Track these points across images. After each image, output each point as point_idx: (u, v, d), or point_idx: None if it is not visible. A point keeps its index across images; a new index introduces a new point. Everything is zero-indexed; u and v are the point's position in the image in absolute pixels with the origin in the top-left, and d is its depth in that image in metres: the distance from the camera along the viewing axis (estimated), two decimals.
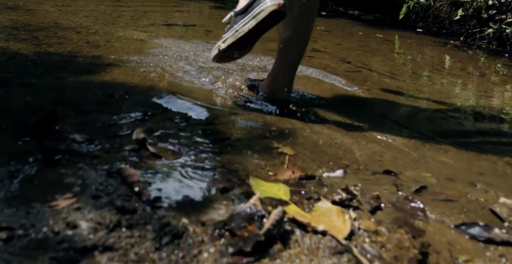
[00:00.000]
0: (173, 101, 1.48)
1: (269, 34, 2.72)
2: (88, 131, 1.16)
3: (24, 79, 1.53)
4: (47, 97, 1.38)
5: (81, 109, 1.32)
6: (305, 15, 1.60)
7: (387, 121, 1.61)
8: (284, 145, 1.25)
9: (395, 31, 4.18)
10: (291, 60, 1.63)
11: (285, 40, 1.60)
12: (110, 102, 1.41)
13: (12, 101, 1.32)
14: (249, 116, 1.44)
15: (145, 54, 2.07)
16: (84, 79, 1.60)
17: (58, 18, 2.67)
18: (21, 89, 1.43)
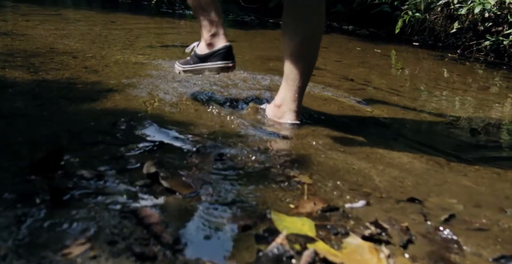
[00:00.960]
0: (180, 129, 1.42)
1: (269, 53, 2.68)
2: (95, 166, 1.10)
3: (24, 109, 1.47)
4: (49, 129, 1.32)
5: (85, 141, 1.26)
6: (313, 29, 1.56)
7: (400, 140, 1.56)
8: (301, 173, 1.20)
9: (392, 46, 4.17)
10: (299, 79, 1.58)
11: (293, 55, 1.55)
12: (114, 131, 1.35)
13: (13, 135, 1.26)
14: (260, 142, 1.39)
15: (145, 78, 2.02)
16: (86, 107, 1.54)
17: (53, 42, 2.62)
18: (21, 121, 1.37)
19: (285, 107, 1.60)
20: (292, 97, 1.59)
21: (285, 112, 1.59)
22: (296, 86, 1.58)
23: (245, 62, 2.64)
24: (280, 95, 1.62)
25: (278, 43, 3.61)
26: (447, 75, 3.04)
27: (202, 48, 1.72)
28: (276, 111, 1.62)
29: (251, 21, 4.99)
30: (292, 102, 1.59)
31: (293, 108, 1.59)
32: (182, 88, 1.91)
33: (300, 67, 1.57)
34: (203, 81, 2.06)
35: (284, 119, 1.59)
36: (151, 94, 1.77)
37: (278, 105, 1.61)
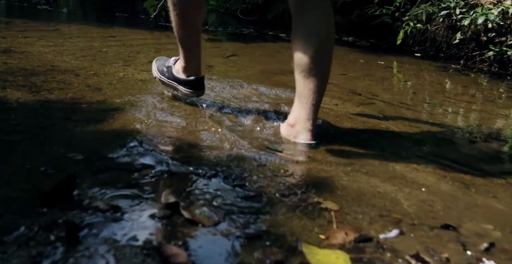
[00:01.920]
0: (193, 153, 1.36)
1: (272, 67, 2.63)
2: (109, 195, 1.03)
3: (29, 133, 1.41)
4: (56, 154, 1.25)
5: (96, 167, 1.19)
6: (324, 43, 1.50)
7: (420, 157, 1.50)
8: (325, 198, 1.13)
9: (393, 57, 4.13)
10: (313, 96, 1.52)
11: (304, 71, 1.50)
12: (125, 156, 1.29)
13: (18, 161, 1.19)
14: (277, 165, 1.33)
15: (151, 96, 1.96)
16: (92, 129, 1.48)
17: (53, 59, 2.56)
18: (26, 146, 1.31)
19: (299, 126, 1.54)
20: (306, 116, 1.53)
21: (300, 131, 1.53)
22: (310, 104, 1.52)
23: (249, 76, 2.59)
24: (294, 114, 1.56)
25: (279, 56, 3.57)
26: (453, 87, 3.00)
27: (178, 69, 1.90)
28: (290, 131, 1.56)
29: (250, 34, 4.95)
30: (306, 121, 1.53)
31: (307, 127, 1.53)
32: (191, 107, 1.85)
33: (313, 84, 1.52)
34: (211, 98, 2.00)
35: (299, 139, 1.53)
36: (159, 114, 1.71)
37: (292, 124, 1.56)
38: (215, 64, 2.90)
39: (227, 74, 2.60)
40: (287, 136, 1.55)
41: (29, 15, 5.17)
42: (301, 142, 1.52)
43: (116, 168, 1.20)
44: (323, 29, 1.50)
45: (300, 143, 1.51)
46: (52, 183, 1.04)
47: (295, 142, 1.52)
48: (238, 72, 2.71)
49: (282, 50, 3.92)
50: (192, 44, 1.79)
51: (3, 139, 1.35)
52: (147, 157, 1.29)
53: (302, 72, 1.52)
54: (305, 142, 1.51)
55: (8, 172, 1.13)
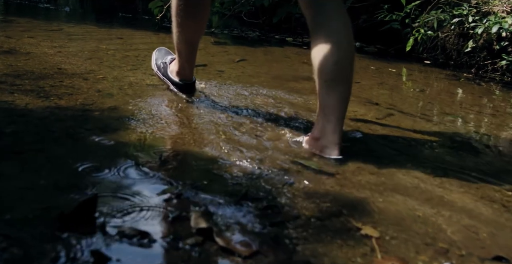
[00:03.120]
0: (216, 169, 1.28)
1: (283, 73, 2.55)
2: (133, 218, 0.95)
3: (40, 143, 1.32)
4: (71, 168, 1.17)
5: (114, 184, 1.11)
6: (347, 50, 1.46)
7: (454, 176, 1.42)
8: (364, 223, 1.06)
9: (402, 64, 4.06)
10: (338, 108, 1.46)
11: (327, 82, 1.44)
12: (144, 171, 1.20)
13: (33, 176, 1.11)
14: (306, 184, 1.25)
15: (165, 103, 1.88)
16: (108, 141, 1.39)
17: (60, 62, 2.47)
18: (39, 158, 1.22)
19: (325, 140, 1.46)
20: (332, 129, 1.45)
21: (326, 146, 1.46)
22: (335, 116, 1.45)
23: (262, 83, 2.51)
24: (318, 127, 1.49)
25: (289, 62, 3.49)
26: (469, 97, 2.92)
27: (173, 70, 2.04)
28: (315, 145, 1.48)
29: (256, 37, 4.87)
30: (332, 134, 1.45)
31: (334, 140, 1.45)
32: (209, 116, 1.77)
33: (337, 95, 1.45)
34: (227, 106, 1.92)
35: (325, 154, 1.45)
36: (177, 124, 1.63)
37: (317, 137, 1.48)
38: (225, 69, 2.82)
39: (239, 80, 2.52)
40: (312, 150, 1.47)
41: (31, 14, 5.08)
42: (328, 157, 1.43)
43: (135, 185, 1.11)
44: (344, 38, 1.46)
45: (327, 158, 1.43)
46: (67, 200, 0.97)
47: (321, 156, 1.44)
48: (250, 78, 2.63)
49: (291, 55, 3.85)
50: (189, 56, 1.92)
51: (13, 150, 1.27)
52: (167, 173, 1.21)
53: (325, 83, 1.46)
54: (332, 157, 1.43)
55: (21, 188, 1.05)
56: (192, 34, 1.84)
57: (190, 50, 1.90)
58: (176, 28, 1.82)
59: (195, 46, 1.91)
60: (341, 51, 1.44)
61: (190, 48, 1.89)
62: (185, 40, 1.84)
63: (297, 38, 4.95)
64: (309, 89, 2.49)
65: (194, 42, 1.89)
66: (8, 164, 1.16)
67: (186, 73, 1.98)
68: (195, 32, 1.84)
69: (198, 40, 1.90)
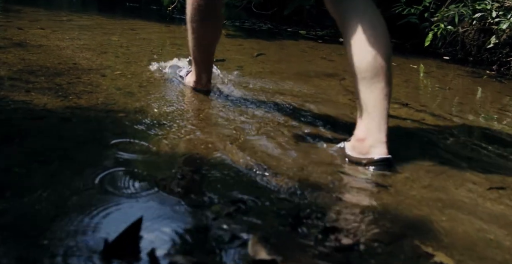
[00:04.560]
0: (257, 181, 1.18)
1: (305, 69, 2.43)
2: (182, 244, 0.84)
3: (66, 149, 1.21)
4: (105, 182, 1.05)
5: (156, 202, 1.00)
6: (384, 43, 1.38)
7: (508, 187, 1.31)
8: (434, 248, 0.95)
9: (421, 59, 3.94)
10: (381, 104, 1.36)
11: (366, 78, 1.36)
12: (185, 186, 1.10)
13: (59, 189, 0.99)
14: (360, 201, 1.15)
15: (191, 104, 1.77)
16: (138, 149, 1.28)
17: (74, 56, 2.35)
18: (68, 168, 1.11)
19: (371, 139, 1.35)
20: (377, 127, 1.36)
21: (372, 145, 1.35)
22: (379, 113, 1.36)
23: (284, 80, 2.40)
24: (361, 127, 1.39)
25: (307, 57, 3.38)
26: (497, 96, 2.81)
27: (190, 81, 2.00)
28: (360, 147, 1.37)
29: (269, 30, 4.75)
30: (378, 132, 1.35)
31: (380, 139, 1.35)
32: (241, 118, 1.66)
33: (379, 91, 1.37)
34: (258, 110, 1.81)
35: (372, 154, 1.34)
36: (206, 128, 1.51)
37: (362, 138, 1.37)
38: (244, 65, 2.71)
39: (261, 77, 2.41)
40: (358, 154, 1.37)
41: (36, 3, 4.93)
42: (376, 158, 1.32)
43: (178, 204, 1.00)
44: (379, 33, 1.38)
45: (374, 167, 1.32)
46: (107, 224, 0.86)
47: (367, 158, 1.33)
48: (271, 75, 2.51)
49: (307, 49, 3.73)
50: (206, 64, 1.89)
51: (38, 158, 1.15)
52: (210, 187, 1.10)
53: (364, 80, 1.37)
54: (381, 157, 1.32)
55: (51, 206, 0.94)
56: (208, 40, 1.81)
57: (207, 57, 1.86)
58: (192, 34, 1.78)
59: (211, 52, 1.87)
60: (377, 46, 1.36)
61: (207, 55, 1.86)
62: (202, 46, 1.81)
63: (310, 31, 4.82)
64: (335, 88, 2.38)
65: (211, 49, 1.85)
66: (34, 176, 1.05)
67: (203, 82, 1.95)
68: (212, 37, 1.81)
69: (215, 46, 1.87)
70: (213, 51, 1.88)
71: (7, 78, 1.80)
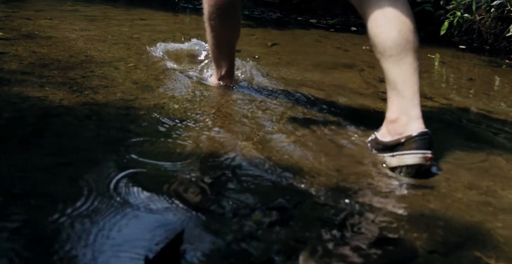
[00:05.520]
0: (294, 183, 1.10)
1: (323, 59, 2.34)
2: (227, 259, 0.76)
3: (88, 150, 1.14)
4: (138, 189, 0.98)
5: (192, 211, 0.92)
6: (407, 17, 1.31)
7: None
8: (496, 260, 0.87)
9: (436, 48, 3.83)
10: (411, 80, 1.29)
11: (392, 56, 1.29)
12: (220, 192, 1.02)
13: (88, 199, 0.92)
14: (408, 206, 1.07)
15: (213, 98, 1.69)
16: (164, 151, 1.20)
17: (85, 48, 2.27)
18: (87, 173, 1.04)
19: (404, 117, 1.27)
20: (409, 103, 1.28)
21: (407, 123, 1.26)
22: (410, 89, 1.29)
23: (303, 72, 2.31)
24: (393, 108, 1.31)
25: (322, 47, 3.29)
26: None
27: (213, 81, 1.88)
28: (394, 128, 1.29)
29: (278, 19, 4.65)
30: (411, 108, 1.27)
31: (415, 115, 1.27)
32: (264, 113, 1.58)
33: (406, 66, 1.29)
34: (282, 103, 1.72)
35: (409, 131, 1.24)
36: (233, 125, 1.43)
37: (394, 119, 1.29)
38: (260, 56, 2.62)
39: (278, 68, 2.32)
40: (394, 136, 1.27)
41: None
42: (414, 134, 1.22)
43: (215, 212, 0.93)
44: (401, 8, 1.31)
45: (413, 140, 1.21)
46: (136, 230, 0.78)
47: (404, 136, 1.23)
48: (289, 66, 2.43)
49: (321, 39, 3.63)
50: (227, 63, 1.80)
51: (59, 161, 1.08)
52: (247, 192, 1.03)
53: (391, 57, 1.30)
54: (420, 131, 1.23)
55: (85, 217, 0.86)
56: (228, 38, 1.74)
57: (228, 55, 1.79)
58: (211, 33, 1.71)
59: (232, 50, 1.80)
60: (402, 20, 1.30)
61: (227, 53, 1.78)
62: (222, 45, 1.75)
63: (320, 20, 4.72)
64: (355, 79, 2.30)
65: (231, 46, 1.78)
66: (55, 181, 0.97)
67: (225, 79, 1.86)
68: (232, 35, 1.74)
69: (235, 44, 1.79)
70: (234, 48, 1.81)
71: (19, 72, 1.72)
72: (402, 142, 1.24)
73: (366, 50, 3.28)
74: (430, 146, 1.21)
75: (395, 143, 1.26)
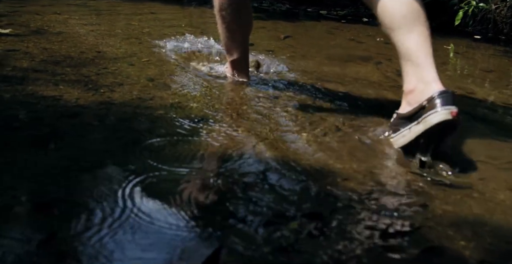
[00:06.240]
0: (326, 186, 1.04)
1: (337, 51, 2.27)
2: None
3: (106, 155, 1.08)
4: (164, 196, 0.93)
5: (219, 218, 0.87)
6: None
7: None
8: None
9: (450, 39, 3.75)
10: (423, 47, 1.28)
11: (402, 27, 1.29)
12: (249, 198, 0.96)
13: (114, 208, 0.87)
14: (448, 210, 1.01)
15: (233, 97, 1.63)
16: (188, 154, 1.15)
17: (96, 43, 2.21)
18: (111, 178, 0.98)
19: (422, 84, 1.23)
20: (424, 70, 1.25)
21: (425, 88, 1.21)
22: (423, 57, 1.27)
23: (320, 65, 2.25)
24: (408, 78, 1.29)
25: (335, 39, 3.22)
26: None
27: (228, 76, 1.83)
28: (413, 98, 1.25)
29: (288, 11, 4.57)
30: (427, 73, 1.24)
31: (432, 78, 1.23)
32: (290, 111, 1.51)
33: (417, 34, 1.29)
34: (313, 104, 1.67)
35: (429, 94, 1.18)
36: (257, 124, 1.38)
37: (412, 89, 1.26)
38: (274, 49, 2.56)
39: (294, 61, 2.26)
40: (414, 104, 1.23)
41: None
42: (436, 94, 1.17)
43: (247, 220, 0.87)
44: None
45: (435, 101, 1.16)
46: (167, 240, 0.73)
47: (428, 105, 1.17)
48: (304, 59, 2.37)
49: (333, 30, 3.56)
50: (241, 57, 1.75)
51: (80, 165, 1.02)
52: (277, 198, 0.97)
53: (400, 29, 1.30)
54: (440, 89, 1.18)
55: None
56: (241, 28, 1.68)
57: (242, 49, 1.73)
58: (223, 24, 1.66)
59: (246, 43, 1.74)
60: None
61: (241, 46, 1.72)
62: (235, 36, 1.69)
63: (330, 11, 4.64)
64: (374, 73, 2.24)
65: (245, 38, 1.73)
66: (81, 190, 0.92)
67: (241, 74, 1.81)
68: (244, 25, 1.69)
69: (248, 36, 1.74)
70: (248, 41, 1.76)
71: (32, 69, 1.67)
72: (424, 105, 1.19)
73: (380, 41, 3.21)
74: (454, 102, 1.16)
75: (417, 110, 1.22)
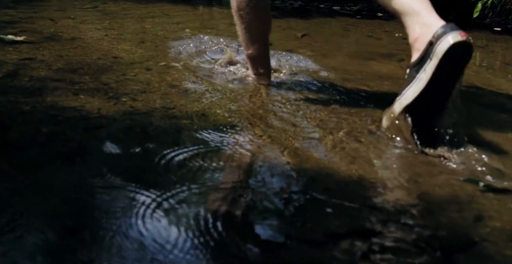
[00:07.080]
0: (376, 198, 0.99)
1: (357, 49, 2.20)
2: None
3: (137, 171, 1.03)
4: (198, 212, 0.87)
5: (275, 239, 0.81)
6: None
7: None
8: None
9: (469, 32, 3.66)
10: None
11: None
12: (289, 214, 0.90)
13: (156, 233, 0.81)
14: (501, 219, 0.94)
15: (258, 103, 1.57)
16: (222, 170, 1.09)
17: (111, 48, 2.16)
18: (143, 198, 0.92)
19: (425, 28, 1.19)
20: (425, 15, 1.21)
21: (428, 29, 1.18)
22: (423, 6, 1.24)
23: (342, 64, 2.19)
24: (411, 28, 1.24)
25: (353, 36, 3.15)
26: None
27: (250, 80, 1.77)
28: (420, 43, 1.20)
29: (301, 8, 4.50)
30: (427, 15, 1.21)
31: (433, 19, 1.20)
32: (321, 115, 1.45)
33: None
34: (342, 108, 1.60)
35: (433, 30, 1.15)
36: (290, 134, 1.32)
37: (417, 36, 1.22)
38: (293, 48, 2.50)
39: (315, 61, 2.20)
40: (423, 47, 1.18)
41: None
42: (439, 30, 1.14)
43: (290, 238, 0.81)
44: None
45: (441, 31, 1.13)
46: None
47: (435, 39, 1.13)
48: (326, 59, 2.30)
49: (349, 27, 3.50)
50: (262, 58, 1.70)
51: (111, 183, 0.97)
52: (322, 213, 0.91)
53: None
54: (442, 24, 1.15)
55: None
56: (260, 27, 1.64)
57: (262, 48, 1.67)
58: (242, 25, 1.62)
59: (266, 43, 1.69)
60: None
61: (261, 47, 1.67)
62: (254, 38, 1.64)
63: (344, 7, 4.56)
64: (398, 71, 2.16)
65: (265, 39, 1.68)
66: (114, 213, 0.87)
67: (263, 76, 1.75)
68: (263, 25, 1.64)
69: (268, 35, 1.68)
70: (268, 41, 1.70)
71: (50, 79, 1.62)
72: (431, 40, 1.16)
73: (399, 37, 3.14)
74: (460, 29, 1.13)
75: (426, 49, 1.17)
